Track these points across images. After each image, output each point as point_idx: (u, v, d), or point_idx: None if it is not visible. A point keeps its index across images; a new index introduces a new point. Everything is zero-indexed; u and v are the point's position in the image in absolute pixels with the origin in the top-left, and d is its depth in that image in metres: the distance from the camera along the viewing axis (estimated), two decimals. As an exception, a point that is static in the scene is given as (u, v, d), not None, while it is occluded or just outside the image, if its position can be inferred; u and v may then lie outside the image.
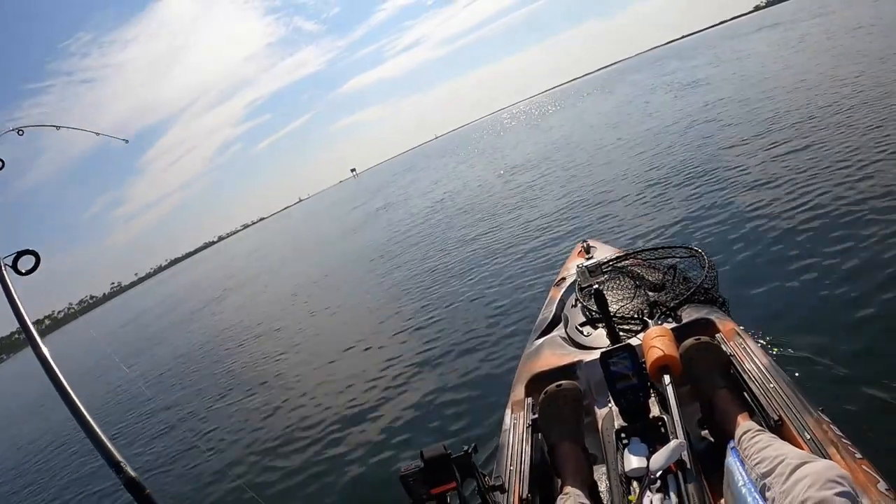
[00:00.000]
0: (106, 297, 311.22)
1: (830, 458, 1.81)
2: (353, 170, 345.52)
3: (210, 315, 20.27)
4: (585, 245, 4.92)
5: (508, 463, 2.50)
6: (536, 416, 2.63)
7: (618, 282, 3.77)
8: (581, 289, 3.85)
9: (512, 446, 2.60)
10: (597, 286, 3.15)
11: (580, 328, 3.49)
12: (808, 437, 1.97)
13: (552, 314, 3.98)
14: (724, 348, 2.57)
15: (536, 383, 2.96)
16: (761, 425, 2.11)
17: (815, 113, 10.42)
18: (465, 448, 2.00)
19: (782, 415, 2.11)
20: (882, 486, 1.72)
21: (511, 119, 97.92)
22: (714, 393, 2.36)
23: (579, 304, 3.75)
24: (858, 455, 1.86)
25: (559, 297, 4.19)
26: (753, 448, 1.89)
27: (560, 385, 2.57)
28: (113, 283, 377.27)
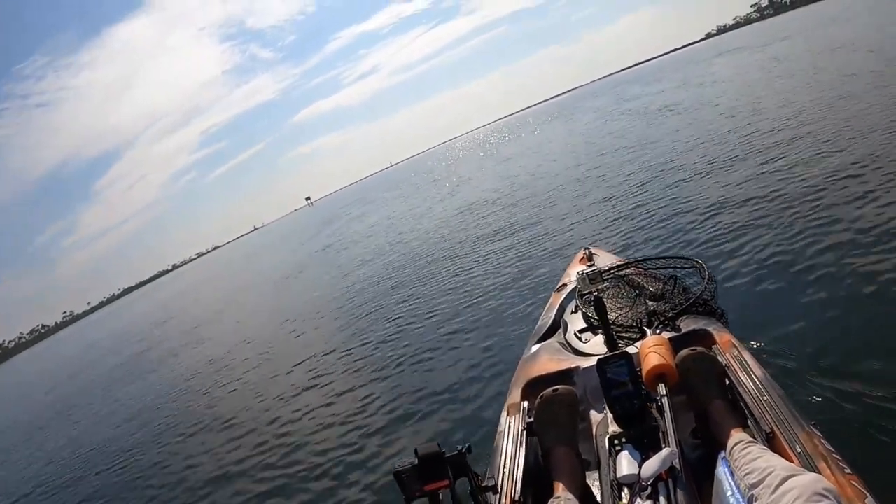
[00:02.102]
0: (58, 326, 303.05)
1: (820, 472, 1.82)
2: (307, 198, 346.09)
3: (190, 342, 19.42)
4: (587, 252, 4.94)
5: (502, 465, 2.51)
6: (532, 419, 2.64)
7: (618, 290, 3.78)
8: (581, 295, 3.85)
9: (506, 448, 2.60)
10: (597, 293, 3.15)
11: (579, 334, 3.51)
12: (799, 450, 1.98)
13: (551, 320, 3.99)
14: (720, 359, 2.59)
15: (533, 387, 2.97)
16: (753, 437, 2.13)
17: (813, 127, 10.64)
18: (459, 448, 2.02)
19: (774, 427, 2.13)
20: (870, 501, 1.74)
21: (472, 145, 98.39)
22: (708, 403, 2.37)
23: (579, 311, 3.76)
24: (848, 470, 1.88)
25: (559, 303, 4.20)
26: (744, 459, 1.90)
27: (556, 390, 2.59)
28: (65, 313, 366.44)
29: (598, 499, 2.27)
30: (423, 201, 28.42)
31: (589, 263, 4.70)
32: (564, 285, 4.54)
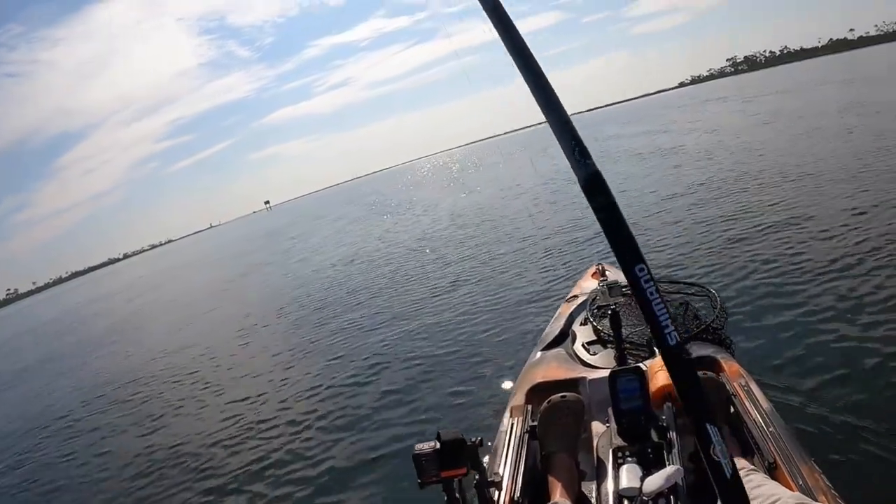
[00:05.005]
0: (1, 303, 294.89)
1: None
2: (266, 202, 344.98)
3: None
4: (600, 268, 4.93)
5: (503, 464, 2.52)
6: (536, 423, 2.64)
7: (629, 308, 3.76)
8: (598, 307, 3.87)
9: (508, 448, 2.62)
10: (614, 306, 3.18)
11: (587, 346, 3.51)
12: (801, 482, 2.01)
13: (559, 329, 3.98)
14: (727, 387, 2.62)
15: (538, 392, 2.99)
16: (755, 466, 2.15)
17: (830, 163, 11.05)
18: (473, 439, 1.96)
19: (777, 458, 2.16)
20: None
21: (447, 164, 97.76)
22: None
23: (588, 324, 3.78)
24: None
25: (568, 314, 4.19)
26: (747, 486, 1.90)
27: (565, 396, 2.60)
28: (9, 290, 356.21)
29: None
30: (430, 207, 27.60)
31: (601, 279, 4.73)
32: (575, 297, 4.53)
